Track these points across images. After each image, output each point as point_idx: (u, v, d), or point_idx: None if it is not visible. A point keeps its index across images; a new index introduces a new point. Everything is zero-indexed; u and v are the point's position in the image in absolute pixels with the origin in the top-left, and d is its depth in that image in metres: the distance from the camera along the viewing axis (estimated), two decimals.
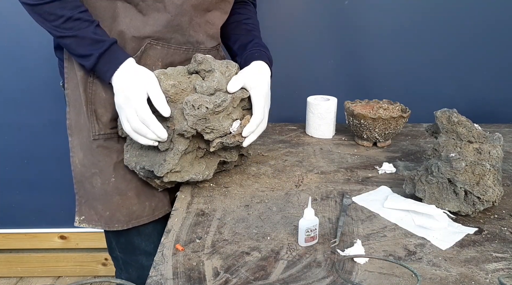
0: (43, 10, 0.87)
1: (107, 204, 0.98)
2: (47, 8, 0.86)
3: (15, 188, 1.73)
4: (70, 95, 0.97)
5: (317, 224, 0.78)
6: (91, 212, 0.99)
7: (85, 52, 0.88)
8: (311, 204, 0.78)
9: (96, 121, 0.96)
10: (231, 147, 0.98)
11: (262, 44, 1.06)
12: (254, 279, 0.69)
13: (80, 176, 0.97)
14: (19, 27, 1.49)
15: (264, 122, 0.96)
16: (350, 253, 0.75)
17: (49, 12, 0.87)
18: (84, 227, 0.99)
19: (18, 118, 1.62)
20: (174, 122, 0.89)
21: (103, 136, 0.96)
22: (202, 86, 0.90)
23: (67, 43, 0.89)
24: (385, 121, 1.16)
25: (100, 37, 0.88)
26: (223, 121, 0.91)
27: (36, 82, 1.56)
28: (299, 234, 0.78)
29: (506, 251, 0.77)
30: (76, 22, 0.87)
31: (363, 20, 1.48)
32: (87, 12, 0.90)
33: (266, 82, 0.97)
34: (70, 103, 0.97)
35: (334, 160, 1.15)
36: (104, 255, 1.83)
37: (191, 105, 0.87)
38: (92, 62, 0.88)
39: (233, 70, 0.95)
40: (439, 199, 0.88)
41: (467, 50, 1.51)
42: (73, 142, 0.97)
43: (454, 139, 0.91)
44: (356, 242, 0.77)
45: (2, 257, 1.84)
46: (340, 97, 1.32)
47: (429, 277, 0.70)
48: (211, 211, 0.90)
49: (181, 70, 0.95)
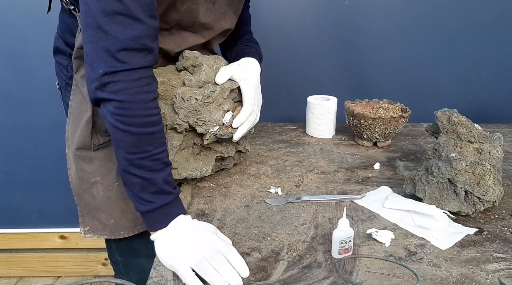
0: (129, 141, 0.75)
1: (111, 211, 0.97)
2: (134, 140, 0.75)
3: (15, 188, 1.73)
4: (73, 107, 0.94)
5: (352, 236, 0.74)
6: (94, 222, 0.98)
7: (147, 198, 0.78)
8: (346, 215, 0.75)
9: (96, 133, 0.94)
10: (226, 140, 0.98)
11: (253, 40, 1.06)
12: (254, 280, 0.69)
13: (78, 189, 0.96)
14: (19, 27, 1.49)
15: (254, 114, 0.97)
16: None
17: (135, 144, 0.76)
18: (89, 237, 0.98)
19: (18, 118, 1.62)
20: (166, 117, 0.90)
21: (103, 145, 0.96)
22: (191, 80, 0.91)
23: (131, 180, 0.77)
24: (385, 121, 1.16)
25: (169, 188, 0.79)
26: (214, 113, 0.91)
27: (36, 82, 1.56)
28: (333, 246, 0.74)
29: (506, 252, 0.77)
30: (153, 162, 0.77)
31: (363, 20, 1.48)
32: (167, 151, 0.81)
33: (255, 76, 0.97)
34: (71, 116, 0.95)
35: (334, 160, 1.15)
36: (104, 255, 1.83)
37: (180, 98, 0.88)
38: (148, 209, 0.78)
39: (221, 63, 0.96)
40: (439, 199, 0.88)
41: (467, 50, 1.51)
42: (69, 154, 0.96)
43: (455, 139, 0.91)
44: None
45: (2, 257, 1.84)
46: (340, 97, 1.32)
47: (430, 277, 0.70)
48: (211, 211, 0.90)
49: (170, 68, 0.96)
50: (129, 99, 0.74)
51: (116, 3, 0.71)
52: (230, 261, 0.70)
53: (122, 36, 0.72)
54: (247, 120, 0.95)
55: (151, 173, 0.77)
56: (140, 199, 0.78)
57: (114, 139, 0.77)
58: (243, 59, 0.99)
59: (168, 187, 0.79)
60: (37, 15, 1.46)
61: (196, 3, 0.89)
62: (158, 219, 0.78)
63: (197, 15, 0.91)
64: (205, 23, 0.93)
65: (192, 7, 0.89)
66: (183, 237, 0.74)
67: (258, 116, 1.00)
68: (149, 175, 0.77)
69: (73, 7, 0.90)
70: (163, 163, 0.79)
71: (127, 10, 0.72)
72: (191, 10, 0.89)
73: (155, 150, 0.77)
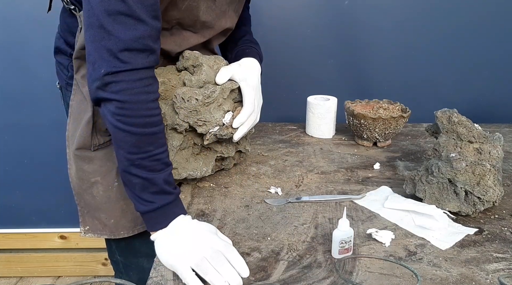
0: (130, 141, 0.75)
1: (111, 211, 0.97)
2: (134, 140, 0.75)
3: (15, 188, 1.73)
4: (74, 107, 0.94)
5: (352, 236, 0.74)
6: (95, 222, 0.98)
7: (147, 198, 0.77)
8: (346, 215, 0.75)
9: (96, 133, 0.94)
10: (226, 141, 0.98)
11: (253, 40, 1.06)
12: (254, 280, 0.69)
13: (78, 189, 0.96)
14: (19, 27, 1.49)
15: (254, 114, 0.97)
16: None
17: (136, 144, 0.75)
18: (89, 237, 0.98)
19: (18, 118, 1.62)
20: (166, 117, 0.90)
21: (103, 145, 0.96)
22: (191, 80, 0.91)
23: (131, 181, 0.77)
24: (385, 121, 1.16)
25: (169, 188, 0.79)
26: (214, 113, 0.91)
27: (36, 82, 1.56)
28: (333, 246, 0.75)
29: (506, 252, 0.77)
30: (154, 162, 0.77)
31: (363, 20, 1.48)
32: (168, 151, 0.81)
33: (255, 76, 0.97)
34: (72, 115, 0.95)
35: (334, 160, 1.15)
36: (104, 255, 1.83)
37: (181, 98, 0.88)
38: (148, 209, 0.78)
39: (221, 63, 0.96)
40: (439, 199, 0.88)
41: (467, 50, 1.51)
42: (69, 154, 0.96)
43: (455, 139, 0.91)
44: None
45: (2, 257, 1.84)
46: (340, 97, 1.32)
47: (430, 277, 0.70)
48: (211, 211, 0.90)
49: (170, 68, 0.96)
50: (130, 100, 0.74)
51: (119, 3, 0.71)
52: (230, 261, 0.70)
53: (125, 37, 0.72)
54: (247, 120, 0.95)
55: (151, 173, 0.77)
56: (140, 199, 0.78)
57: (115, 139, 0.77)
58: (243, 59, 0.99)
59: (169, 187, 0.79)
60: (38, 15, 1.46)
61: (196, 1, 0.89)
62: (158, 219, 0.78)
63: (197, 13, 0.91)
64: (205, 22, 0.93)
65: (193, 5, 0.89)
66: (183, 237, 0.74)
67: (258, 116, 1.00)
68: (150, 175, 0.77)
69: (74, 7, 0.90)
70: (163, 163, 0.79)
71: (130, 10, 0.71)
72: (191, 8, 0.89)
73: (156, 150, 0.77)
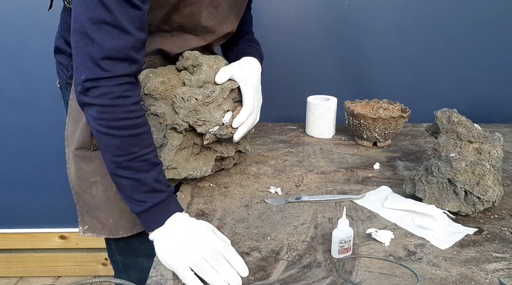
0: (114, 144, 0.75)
1: (110, 211, 0.97)
2: (118, 142, 0.75)
3: (15, 188, 1.73)
4: (73, 107, 0.94)
5: (351, 235, 0.74)
6: (94, 222, 0.98)
7: (139, 198, 0.78)
8: (345, 215, 0.75)
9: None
10: (226, 140, 0.98)
11: (254, 40, 1.06)
12: (254, 279, 0.69)
13: (77, 188, 0.96)
14: (19, 27, 1.49)
15: (254, 114, 0.97)
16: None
17: (120, 147, 0.75)
18: (88, 236, 0.98)
19: (18, 118, 1.62)
20: (166, 117, 0.90)
21: None
22: (190, 80, 0.92)
23: (121, 183, 0.78)
24: (385, 121, 1.16)
25: (160, 186, 0.79)
26: (214, 113, 0.91)
27: (36, 82, 1.56)
28: (333, 246, 0.75)
29: (506, 251, 0.77)
30: (141, 163, 0.77)
31: (363, 20, 1.48)
32: (156, 151, 0.81)
33: (255, 76, 0.97)
34: (71, 115, 0.95)
35: (334, 160, 1.15)
36: (104, 255, 1.83)
37: (180, 98, 0.88)
38: (142, 209, 0.78)
39: (221, 63, 0.96)
40: (439, 199, 0.88)
41: (467, 50, 1.51)
42: (69, 154, 0.96)
43: (454, 139, 0.91)
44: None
45: (2, 257, 1.84)
46: (340, 97, 1.32)
47: (429, 277, 0.70)
48: (211, 211, 0.90)
49: (170, 68, 0.96)
50: (110, 103, 0.74)
51: (105, 12, 0.70)
52: (229, 261, 0.70)
53: (108, 45, 0.72)
54: (247, 120, 0.95)
55: (140, 173, 0.77)
56: (133, 200, 0.78)
57: (100, 143, 0.77)
58: (243, 59, 0.99)
59: (160, 185, 0.78)
60: (38, 15, 1.46)
61: (199, 7, 0.89)
62: (153, 218, 0.78)
63: (199, 19, 0.91)
64: (207, 27, 0.94)
65: (195, 11, 0.89)
66: (181, 235, 0.74)
67: (258, 116, 1.00)
68: (138, 176, 0.77)
69: None
70: (151, 164, 0.78)
71: (116, 21, 0.71)
72: (193, 13, 0.89)
73: (142, 151, 0.77)
